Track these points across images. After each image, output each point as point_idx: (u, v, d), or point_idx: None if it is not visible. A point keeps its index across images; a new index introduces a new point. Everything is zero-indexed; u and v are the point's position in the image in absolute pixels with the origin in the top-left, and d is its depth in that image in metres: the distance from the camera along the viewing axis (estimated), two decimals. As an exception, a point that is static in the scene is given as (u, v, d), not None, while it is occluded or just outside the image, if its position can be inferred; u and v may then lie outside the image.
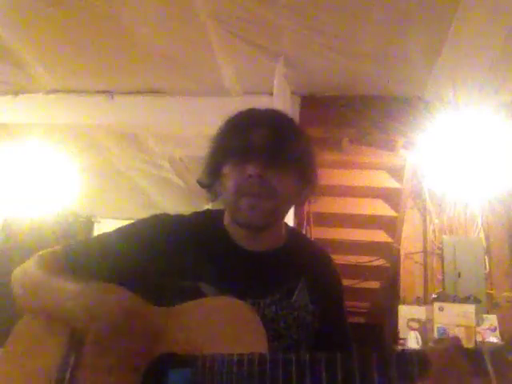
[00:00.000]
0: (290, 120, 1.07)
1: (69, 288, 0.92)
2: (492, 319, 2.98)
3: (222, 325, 0.87)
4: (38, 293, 0.97)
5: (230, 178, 0.98)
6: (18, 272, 1.02)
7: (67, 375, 0.86)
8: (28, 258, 1.03)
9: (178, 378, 0.86)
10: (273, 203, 0.97)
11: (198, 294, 0.93)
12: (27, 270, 1.00)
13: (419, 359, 0.74)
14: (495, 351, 0.73)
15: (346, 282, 3.97)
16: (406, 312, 3.16)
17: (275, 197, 0.97)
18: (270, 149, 0.96)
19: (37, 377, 0.88)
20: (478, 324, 2.92)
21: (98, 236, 1.10)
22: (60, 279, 0.95)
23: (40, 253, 1.04)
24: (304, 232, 3.16)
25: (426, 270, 3.48)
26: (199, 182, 1.07)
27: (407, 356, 0.75)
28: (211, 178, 1.04)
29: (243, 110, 1.05)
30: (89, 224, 4.98)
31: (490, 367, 0.72)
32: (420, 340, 3.02)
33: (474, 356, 0.73)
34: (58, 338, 0.91)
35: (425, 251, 3.51)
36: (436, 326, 2.93)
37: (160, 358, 0.87)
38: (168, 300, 0.93)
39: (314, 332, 1.01)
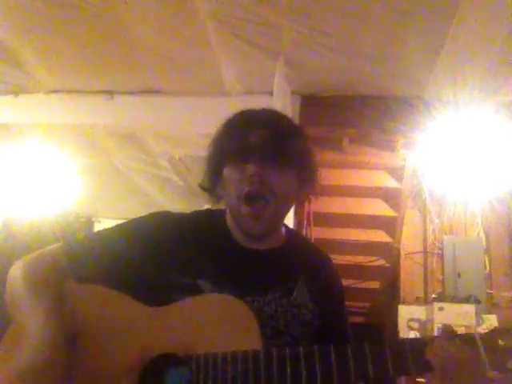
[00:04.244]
0: (288, 119, 1.08)
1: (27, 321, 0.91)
2: (492, 319, 2.98)
3: (215, 323, 0.87)
4: (15, 308, 0.96)
5: (231, 179, 0.99)
6: (10, 277, 1.00)
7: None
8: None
9: (174, 377, 0.86)
10: (274, 207, 0.97)
11: (195, 291, 0.94)
12: (15, 279, 0.98)
13: (414, 351, 0.76)
14: (487, 336, 0.75)
15: (346, 282, 3.98)
16: (405, 312, 3.16)
17: (275, 197, 0.97)
18: (269, 149, 0.97)
19: None
20: (478, 324, 2.92)
21: (98, 233, 1.09)
22: (29, 303, 0.94)
23: (38, 252, 1.02)
24: (304, 232, 3.16)
25: (426, 270, 3.48)
26: (201, 186, 1.08)
27: (403, 347, 0.77)
28: (212, 181, 1.05)
29: (240, 111, 1.05)
30: (89, 224, 4.97)
31: (482, 352, 0.73)
32: (420, 340, 3.02)
33: (467, 341, 0.75)
34: None
35: (425, 251, 3.51)
36: (436, 326, 2.93)
37: (157, 358, 0.87)
38: (167, 296, 0.93)
39: (315, 330, 1.02)
